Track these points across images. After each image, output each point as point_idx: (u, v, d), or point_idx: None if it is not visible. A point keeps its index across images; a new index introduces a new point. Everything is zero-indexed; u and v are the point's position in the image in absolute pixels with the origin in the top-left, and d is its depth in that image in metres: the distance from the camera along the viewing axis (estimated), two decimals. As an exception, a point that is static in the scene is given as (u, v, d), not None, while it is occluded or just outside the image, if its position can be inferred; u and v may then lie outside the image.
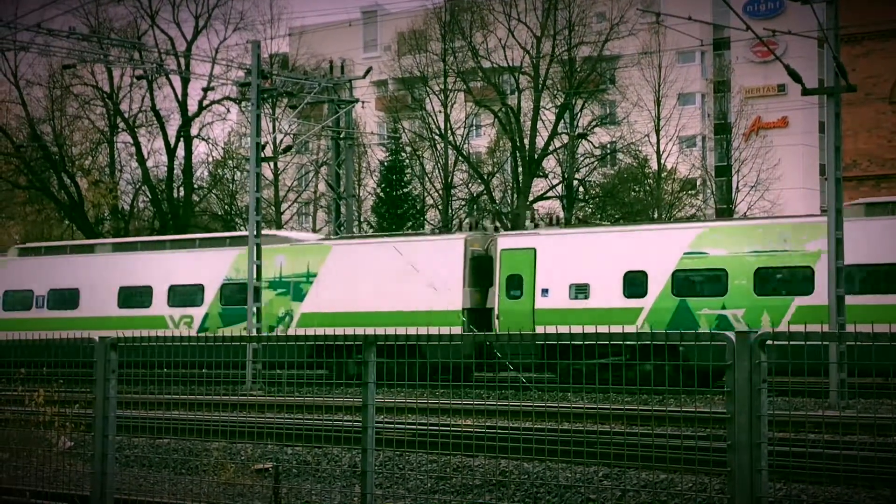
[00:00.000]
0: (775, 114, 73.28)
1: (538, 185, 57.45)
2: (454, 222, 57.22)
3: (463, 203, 59.28)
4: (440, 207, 58.17)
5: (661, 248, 29.17)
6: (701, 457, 12.07)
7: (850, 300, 24.34)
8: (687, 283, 28.65)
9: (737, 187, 61.80)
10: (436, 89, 58.18)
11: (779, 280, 27.81)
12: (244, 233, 36.16)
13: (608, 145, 60.58)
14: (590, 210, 57.70)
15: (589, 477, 13.41)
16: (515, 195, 56.79)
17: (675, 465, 13.03)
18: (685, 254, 28.77)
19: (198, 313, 34.62)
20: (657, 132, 58.76)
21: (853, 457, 12.81)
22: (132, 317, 34.95)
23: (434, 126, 57.97)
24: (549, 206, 59.29)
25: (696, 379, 23.56)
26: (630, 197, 57.09)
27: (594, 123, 58.28)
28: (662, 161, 58.86)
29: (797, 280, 27.40)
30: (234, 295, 34.20)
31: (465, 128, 59.18)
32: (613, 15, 56.93)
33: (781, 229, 28.30)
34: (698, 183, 64.31)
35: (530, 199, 56.24)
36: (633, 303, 28.91)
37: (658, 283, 28.76)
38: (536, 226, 37.20)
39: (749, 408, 6.09)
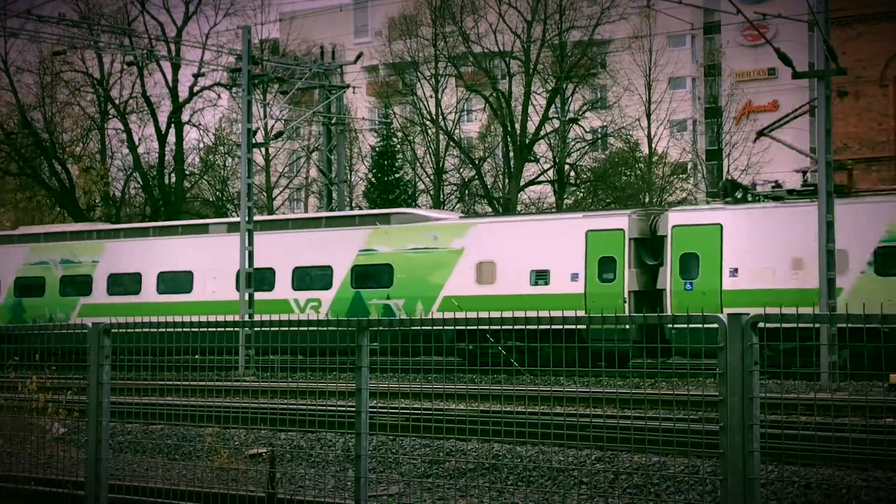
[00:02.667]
0: (766, 97, 73.29)
1: (529, 170, 57.42)
2: (444, 207, 57.18)
3: (454, 188, 59.25)
4: (432, 193, 58.16)
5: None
6: (693, 439, 12.13)
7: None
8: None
9: (727, 171, 61.84)
10: (427, 74, 58.10)
11: None
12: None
13: (599, 130, 60.56)
14: (581, 195, 57.70)
15: (581, 460, 13.46)
16: (507, 180, 56.78)
17: (667, 447, 13.09)
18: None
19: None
20: (648, 116, 58.77)
21: (845, 438, 12.88)
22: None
23: (425, 111, 57.91)
24: (541, 190, 59.31)
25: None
26: (621, 181, 57.13)
27: (585, 108, 58.24)
28: (653, 145, 58.89)
29: None
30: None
31: (456, 113, 59.11)
32: (605, -1, 56.86)
33: None
34: (689, 167, 64.37)
35: (521, 183, 56.24)
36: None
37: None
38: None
39: (741, 390, 6.12)
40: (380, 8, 76.64)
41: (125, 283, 36.23)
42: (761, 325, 6.38)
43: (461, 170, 59.66)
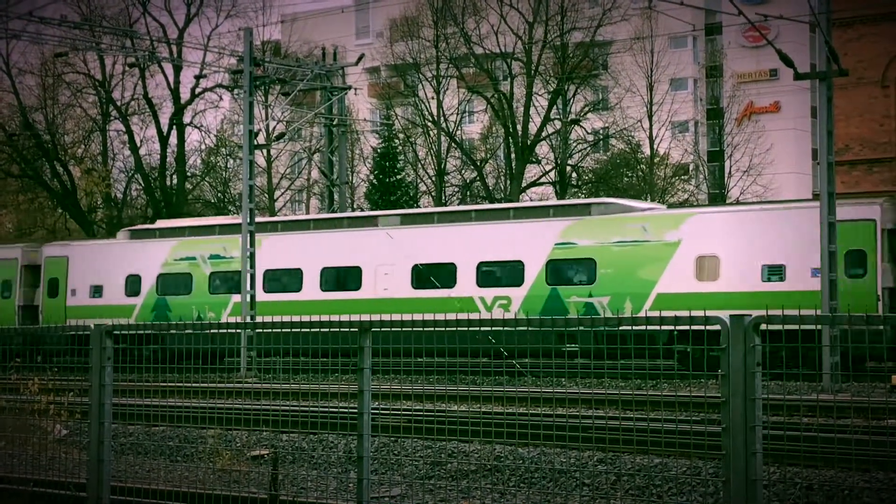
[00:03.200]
0: (767, 98, 73.31)
1: (531, 171, 57.44)
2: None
3: (456, 189, 59.26)
4: (433, 194, 58.16)
5: None
6: (694, 440, 12.13)
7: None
8: None
9: (729, 172, 61.87)
10: (428, 76, 58.11)
11: None
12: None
13: (601, 131, 60.58)
14: (583, 196, 57.70)
15: (583, 462, 13.46)
16: (508, 181, 56.78)
17: (669, 449, 13.09)
18: None
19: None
20: (650, 117, 58.78)
21: (847, 440, 12.87)
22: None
23: (427, 112, 57.93)
24: (542, 191, 59.31)
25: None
26: (623, 182, 57.14)
27: (587, 109, 58.28)
28: (655, 146, 58.89)
29: None
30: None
31: (457, 114, 59.14)
32: (605, 0, 56.88)
33: None
34: (691, 168, 64.38)
35: (523, 184, 56.25)
36: None
37: None
38: None
39: (743, 391, 6.13)
40: (381, 9, 76.68)
41: (284, 279, 34.28)
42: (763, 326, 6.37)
43: (463, 171, 59.68)
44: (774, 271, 27.57)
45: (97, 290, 37.21)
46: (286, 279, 34.15)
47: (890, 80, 42.09)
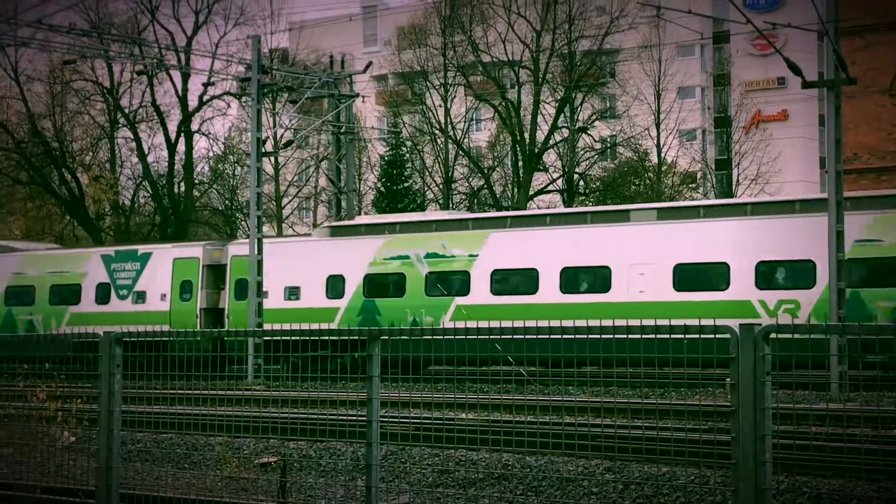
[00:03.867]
0: (775, 107, 73.26)
1: (538, 179, 57.48)
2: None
3: (464, 197, 59.30)
4: (441, 202, 58.18)
5: None
6: (703, 449, 12.11)
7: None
8: None
9: (737, 180, 61.82)
10: (436, 83, 58.19)
11: None
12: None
13: (608, 139, 60.60)
14: (590, 204, 57.69)
15: (591, 470, 13.44)
16: (516, 189, 56.81)
17: (677, 457, 13.07)
18: None
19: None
20: (657, 126, 58.77)
21: (856, 449, 12.84)
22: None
23: (434, 120, 57.99)
24: (550, 199, 59.32)
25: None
26: (630, 191, 57.13)
27: (594, 117, 58.31)
28: (663, 154, 58.88)
29: None
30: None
31: (465, 122, 59.21)
32: (613, 9, 56.94)
33: None
34: (699, 176, 64.35)
35: (531, 192, 56.27)
36: None
37: None
38: None
39: (753, 400, 6.12)
40: (389, 17, 76.79)
41: (516, 280, 30.89)
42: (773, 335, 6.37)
43: (470, 179, 59.70)
44: None
45: (293, 292, 34.08)
46: (521, 280, 30.78)
47: (898, 88, 42.07)
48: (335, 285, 33.12)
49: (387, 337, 8.15)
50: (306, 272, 33.64)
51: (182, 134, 57.40)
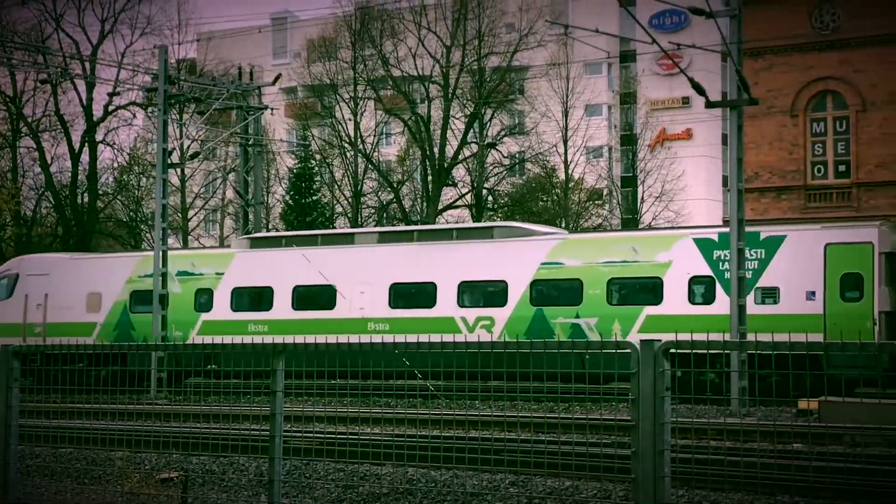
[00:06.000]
0: (680, 125, 74.40)
1: (448, 194, 57.65)
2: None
3: (372, 211, 59.25)
4: (350, 215, 58.07)
5: None
6: (605, 464, 12.22)
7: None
8: None
9: (642, 198, 62.62)
10: (346, 97, 58.11)
11: None
12: None
13: (517, 155, 61.00)
14: (498, 219, 58.00)
15: (496, 484, 13.49)
16: (425, 203, 56.91)
17: (580, 472, 13.18)
18: None
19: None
20: (565, 142, 59.30)
21: (753, 463, 13.06)
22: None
23: (344, 134, 57.89)
24: (459, 214, 59.53)
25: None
26: (538, 206, 57.54)
27: (503, 133, 58.68)
28: (570, 171, 59.42)
29: None
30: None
31: (374, 136, 59.18)
32: (522, 26, 57.40)
33: None
34: (605, 193, 65.04)
35: (440, 207, 56.42)
36: None
37: None
38: None
39: (653, 415, 6.20)
40: (299, 30, 76.54)
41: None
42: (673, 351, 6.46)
43: (379, 193, 59.68)
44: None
45: None
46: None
47: (799, 109, 42.98)
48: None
49: (291, 351, 8.12)
50: None
51: (86, 144, 56.55)
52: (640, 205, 62.37)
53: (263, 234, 38.96)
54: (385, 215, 58.73)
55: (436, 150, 55.41)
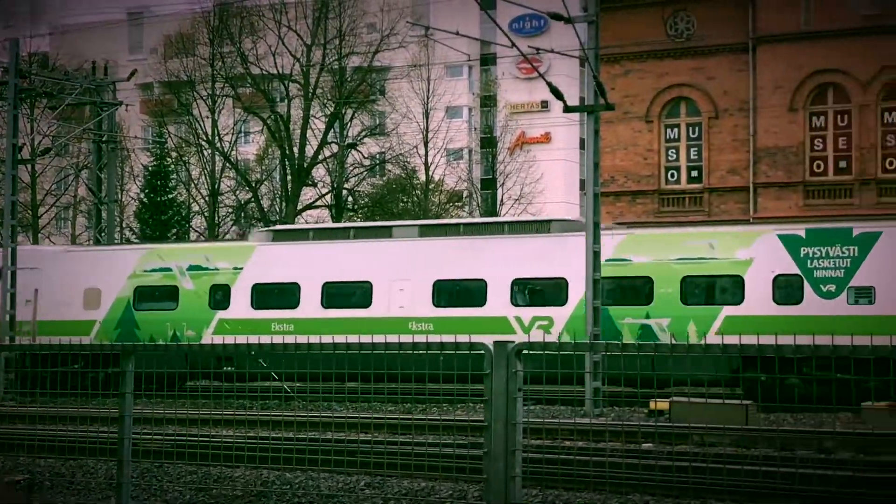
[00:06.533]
0: (539, 129, 75.32)
1: (307, 194, 57.32)
2: (220, 230, 56.48)
3: (230, 210, 58.56)
4: (206, 214, 57.29)
5: None
6: (460, 464, 12.28)
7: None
8: None
9: (501, 200, 63.21)
10: (203, 94, 57.32)
11: None
12: None
13: (377, 156, 60.98)
14: (358, 220, 57.93)
15: (351, 486, 13.44)
16: (284, 203, 56.49)
17: (434, 472, 13.22)
18: None
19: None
20: (425, 144, 59.51)
21: (602, 462, 13.26)
22: None
23: (201, 131, 57.09)
24: (318, 214, 59.25)
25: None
26: (398, 207, 57.62)
27: (364, 133, 58.59)
28: (430, 172, 59.64)
29: None
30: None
31: (233, 134, 58.51)
32: (384, 26, 57.40)
33: None
34: (465, 195, 65.46)
35: (299, 207, 56.05)
36: None
37: None
38: None
39: (505, 416, 6.22)
40: (156, 25, 75.22)
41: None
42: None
43: (237, 192, 59.03)
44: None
45: None
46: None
47: (653, 115, 43.87)
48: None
49: (142, 352, 7.96)
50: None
51: (-68, 138, 54.66)
52: (499, 207, 62.93)
53: (288, 226, 36.37)
54: (243, 215, 58.11)
55: (295, 149, 55.04)
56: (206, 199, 57.40)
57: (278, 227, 34.27)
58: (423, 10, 72.12)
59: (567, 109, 26.23)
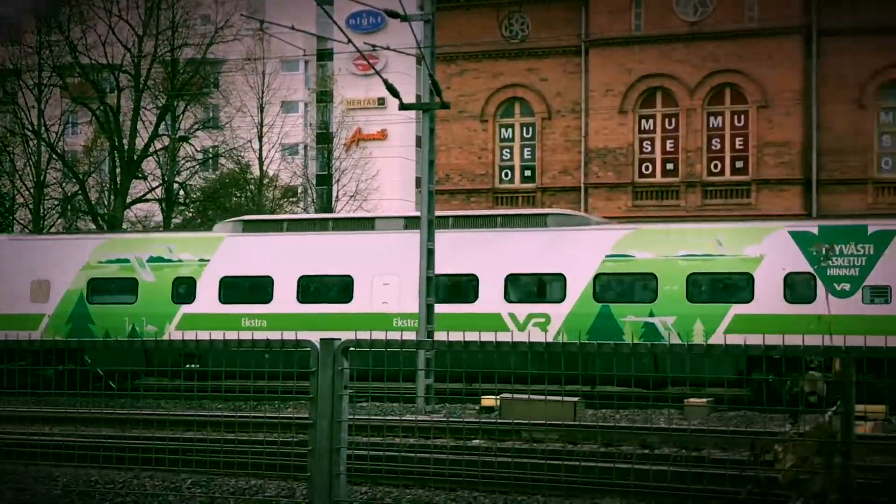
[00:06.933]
0: (376, 126, 75.38)
1: (137, 187, 56.10)
2: (45, 222, 54.90)
3: (56, 203, 56.95)
4: (31, 206, 55.60)
5: None
6: (288, 462, 12.18)
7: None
8: None
9: (336, 196, 63.03)
10: (30, 83, 55.58)
11: None
12: None
13: (210, 149, 60.11)
14: (190, 214, 57.01)
15: (178, 484, 13.21)
16: (113, 196, 55.21)
17: (261, 471, 13.11)
18: None
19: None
20: (260, 139, 58.94)
21: (436, 460, 13.32)
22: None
23: (27, 121, 55.35)
24: (148, 208, 58.10)
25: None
26: (231, 202, 56.92)
27: (196, 127, 57.64)
28: (265, 167, 59.08)
29: None
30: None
31: (60, 125, 56.90)
32: (218, 19, 56.57)
33: None
34: (300, 191, 65.07)
35: (128, 200, 54.87)
36: None
37: None
38: None
39: (331, 413, 6.18)
40: (-19, 10, 72.64)
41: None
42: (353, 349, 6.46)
43: (64, 184, 57.45)
44: None
45: None
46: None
47: (488, 114, 44.33)
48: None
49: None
50: None
51: None
52: (334, 203, 62.75)
53: (260, 217, 34.59)
54: (70, 207, 56.59)
55: (125, 141, 53.83)
56: (31, 190, 55.68)
57: (248, 217, 32.56)
58: (258, 3, 71.42)
59: (403, 107, 26.33)
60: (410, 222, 28.30)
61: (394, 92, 24.88)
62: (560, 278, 26.48)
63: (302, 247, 28.44)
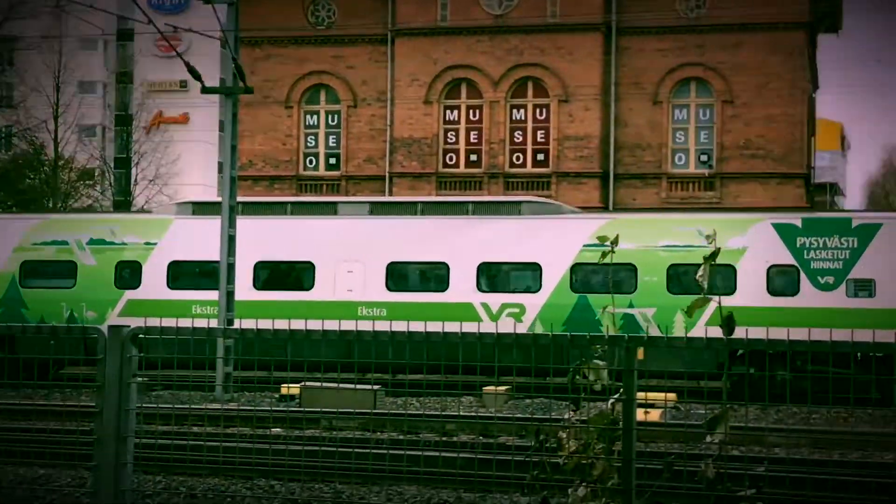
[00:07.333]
0: (178, 109, 74.02)
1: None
2: None
3: None
4: None
5: None
6: (78, 451, 11.90)
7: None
8: None
9: (135, 180, 61.62)
10: None
11: None
12: None
13: (3, 129, 57.98)
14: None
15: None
16: None
17: (56, 460, 12.80)
18: None
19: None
20: (55, 119, 57.12)
21: (229, 448, 13.21)
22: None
23: None
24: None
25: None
26: (25, 184, 55.05)
27: (-12, 106, 55.58)
28: (60, 149, 57.31)
29: None
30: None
31: None
32: (12, -6, 54.63)
33: None
34: (97, 174, 63.36)
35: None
36: None
37: None
38: None
39: (118, 402, 6.06)
40: None
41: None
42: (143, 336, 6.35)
43: None
44: None
45: None
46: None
47: (294, 101, 44.04)
48: None
49: None
50: None
51: None
52: (133, 187, 61.33)
53: (211, 199, 32.51)
54: None
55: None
56: None
57: (198, 199, 31.00)
58: (57, -21, 69.23)
59: (204, 91, 25.96)
60: (376, 207, 27.77)
61: (195, 75, 24.46)
62: (535, 267, 26.03)
63: (258, 231, 27.22)
